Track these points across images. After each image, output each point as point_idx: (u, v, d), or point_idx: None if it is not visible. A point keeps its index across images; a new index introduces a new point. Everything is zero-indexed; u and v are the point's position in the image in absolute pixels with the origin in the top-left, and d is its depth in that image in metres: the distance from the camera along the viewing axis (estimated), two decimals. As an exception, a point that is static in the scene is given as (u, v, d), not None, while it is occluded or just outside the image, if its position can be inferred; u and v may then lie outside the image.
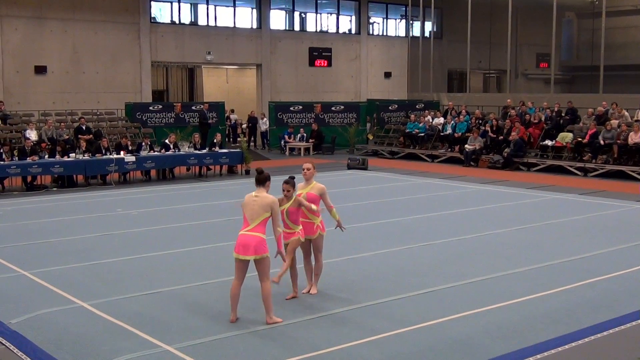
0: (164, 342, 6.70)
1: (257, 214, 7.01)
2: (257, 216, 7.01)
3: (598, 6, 30.90)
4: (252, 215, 7.02)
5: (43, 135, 21.34)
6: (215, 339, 6.81)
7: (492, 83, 39.91)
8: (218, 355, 6.46)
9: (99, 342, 6.76)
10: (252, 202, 7.05)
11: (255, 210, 7.01)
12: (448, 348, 6.62)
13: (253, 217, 7.02)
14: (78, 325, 7.24)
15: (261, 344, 6.71)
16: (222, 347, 6.64)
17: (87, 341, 6.78)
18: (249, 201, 7.08)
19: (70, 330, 7.11)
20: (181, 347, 6.57)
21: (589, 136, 21.41)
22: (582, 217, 13.77)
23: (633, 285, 8.83)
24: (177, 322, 7.32)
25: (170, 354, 6.44)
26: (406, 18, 36.62)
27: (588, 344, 6.76)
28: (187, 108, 26.89)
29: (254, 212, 7.01)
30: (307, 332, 7.04)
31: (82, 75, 27.63)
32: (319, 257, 8.26)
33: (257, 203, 7.02)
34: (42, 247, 11.05)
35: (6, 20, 25.80)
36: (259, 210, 7.01)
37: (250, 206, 7.05)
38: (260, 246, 7.01)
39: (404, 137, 26.95)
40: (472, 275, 9.17)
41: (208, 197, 16.66)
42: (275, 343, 6.74)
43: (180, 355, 6.41)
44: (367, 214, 14.06)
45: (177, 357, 6.39)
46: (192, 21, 31.11)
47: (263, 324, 7.18)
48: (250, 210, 7.04)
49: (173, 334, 6.95)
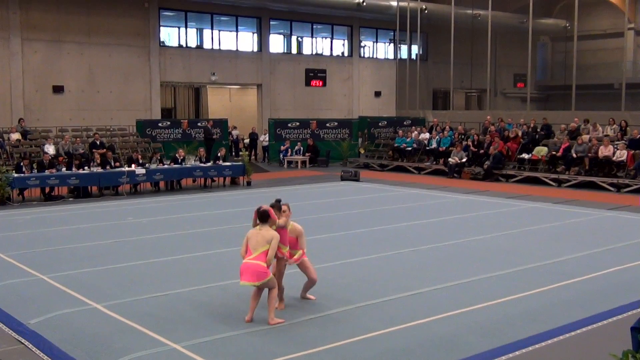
0: (172, 340, 6.67)
1: (260, 245, 7.12)
2: (260, 247, 7.12)
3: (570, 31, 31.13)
4: (255, 246, 7.14)
5: (60, 150, 21.30)
6: (220, 338, 6.78)
7: (474, 101, 40.05)
8: (222, 352, 6.42)
9: (112, 340, 6.72)
10: (257, 234, 7.17)
11: (259, 241, 7.13)
12: (435, 345, 6.60)
13: (256, 247, 7.13)
14: (92, 325, 7.20)
15: (262, 342, 6.67)
16: (226, 344, 6.61)
17: (101, 340, 6.74)
18: (254, 234, 7.19)
19: (85, 330, 7.07)
20: (188, 345, 6.54)
21: (562, 150, 21.47)
22: (556, 224, 13.78)
23: (605, 286, 8.83)
24: (184, 322, 7.29)
25: (178, 352, 6.41)
26: (394, 42, 36.71)
27: (564, 340, 6.75)
28: (193, 124, 26.88)
29: (257, 243, 7.13)
30: (305, 331, 7.01)
31: (97, 94, 27.61)
32: (310, 274, 7.82)
33: (260, 235, 7.14)
34: (59, 253, 11.00)
35: (27, 43, 25.80)
36: (262, 241, 7.12)
37: (254, 238, 7.17)
38: (261, 274, 7.05)
39: (393, 151, 26.96)
40: (456, 278, 9.16)
41: (212, 207, 16.62)
42: (275, 341, 6.71)
43: (186, 352, 6.38)
44: (359, 221, 14.03)
45: (184, 354, 6.35)
46: (198, 45, 31.14)
47: (265, 323, 7.15)
48: (254, 242, 7.15)
49: (180, 332, 6.91)
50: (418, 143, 26.11)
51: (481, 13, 33.21)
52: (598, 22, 35.68)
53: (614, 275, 9.43)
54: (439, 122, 27.62)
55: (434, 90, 37.92)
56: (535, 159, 22.28)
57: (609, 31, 35.32)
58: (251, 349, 6.49)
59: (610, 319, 7.40)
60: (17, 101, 25.66)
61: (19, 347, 6.64)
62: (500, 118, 25.96)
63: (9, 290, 8.62)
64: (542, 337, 6.76)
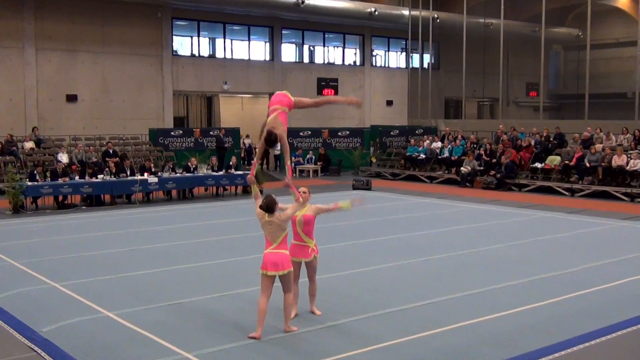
0: (183, 349, 6.66)
1: (277, 235, 7.08)
2: (277, 236, 7.08)
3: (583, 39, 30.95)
4: (273, 237, 7.09)
5: (73, 158, 21.43)
6: (232, 347, 6.77)
7: (486, 110, 39.92)
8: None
9: (124, 349, 6.73)
10: (269, 225, 7.09)
11: (275, 231, 7.08)
12: (447, 355, 6.56)
13: (274, 238, 7.08)
14: (104, 334, 7.21)
15: (274, 352, 6.65)
16: (238, 354, 6.59)
17: (113, 348, 6.74)
18: (265, 223, 7.11)
19: (97, 338, 7.08)
20: (200, 354, 6.52)
21: (575, 159, 21.34)
22: (569, 234, 13.68)
23: (619, 297, 8.74)
24: (196, 331, 7.28)
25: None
26: (406, 51, 36.72)
27: (577, 352, 6.68)
28: (205, 133, 26.97)
29: (274, 234, 7.08)
30: (316, 341, 6.99)
31: (110, 103, 27.78)
32: (314, 277, 7.72)
33: (274, 226, 7.07)
34: (72, 261, 11.04)
35: (41, 53, 26.02)
36: (278, 231, 7.08)
37: (268, 229, 7.11)
38: (285, 263, 7.07)
39: (405, 160, 26.91)
40: (469, 287, 9.10)
41: (225, 215, 16.64)
42: (287, 351, 6.69)
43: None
44: (371, 230, 14.00)
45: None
46: (210, 54, 31.28)
47: (276, 333, 7.13)
48: (270, 233, 7.10)
49: (192, 341, 6.91)
50: (430, 152, 26.06)
51: (493, 22, 33.15)
52: (611, 31, 35.54)
53: (628, 286, 9.34)
54: (450, 131, 27.55)
55: (445, 99, 37.83)
56: (548, 168, 22.16)
57: (622, 40, 35.14)
58: (263, 359, 6.47)
59: (624, 330, 7.31)
60: (31, 110, 25.85)
61: (31, 354, 6.65)
62: (513, 127, 25.85)
63: (22, 298, 8.65)
64: (554, 348, 6.70)
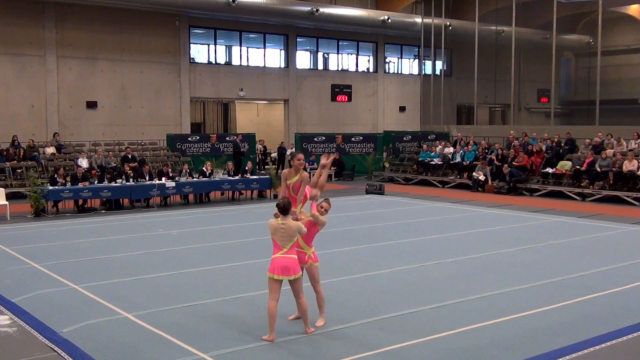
0: (200, 350, 6.69)
1: (288, 240, 7.07)
2: (288, 242, 7.08)
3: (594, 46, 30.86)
4: (283, 242, 7.08)
5: (93, 163, 21.59)
6: (247, 348, 6.79)
7: (498, 116, 39.83)
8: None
9: (141, 349, 6.77)
10: (281, 230, 7.08)
11: (285, 237, 7.08)
12: (458, 358, 6.54)
13: (284, 243, 7.08)
14: (123, 334, 7.27)
15: (288, 354, 6.67)
16: (253, 355, 6.62)
17: (131, 349, 6.79)
18: (277, 228, 7.10)
19: (116, 338, 7.13)
20: (216, 355, 6.55)
21: (586, 164, 21.22)
22: (580, 238, 13.60)
23: (629, 301, 8.68)
24: (212, 332, 7.31)
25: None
26: (419, 58, 36.70)
27: (587, 355, 6.64)
28: (221, 139, 27.12)
29: (284, 239, 7.07)
30: (329, 343, 7.00)
31: (129, 109, 27.98)
32: (318, 288, 7.45)
33: (285, 232, 7.06)
34: (92, 264, 11.11)
35: (62, 60, 26.27)
36: (287, 236, 7.07)
37: (279, 233, 7.09)
38: (296, 267, 7.08)
39: (417, 165, 26.88)
40: (480, 291, 9.08)
41: (240, 219, 16.70)
42: (300, 353, 6.71)
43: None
44: (384, 234, 13.99)
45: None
46: (226, 61, 31.42)
47: (288, 335, 7.15)
48: (280, 238, 7.09)
49: (208, 342, 6.93)
50: (442, 157, 26.01)
51: (505, 29, 33.08)
52: (621, 38, 35.36)
53: (638, 290, 9.28)
54: (462, 137, 27.49)
55: (458, 105, 37.78)
56: (560, 173, 22.05)
57: (633, 46, 34.97)
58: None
59: (634, 334, 7.27)
60: (52, 116, 26.10)
61: (52, 354, 6.71)
62: (524, 133, 25.77)
63: (43, 300, 8.73)
64: (565, 352, 6.67)
